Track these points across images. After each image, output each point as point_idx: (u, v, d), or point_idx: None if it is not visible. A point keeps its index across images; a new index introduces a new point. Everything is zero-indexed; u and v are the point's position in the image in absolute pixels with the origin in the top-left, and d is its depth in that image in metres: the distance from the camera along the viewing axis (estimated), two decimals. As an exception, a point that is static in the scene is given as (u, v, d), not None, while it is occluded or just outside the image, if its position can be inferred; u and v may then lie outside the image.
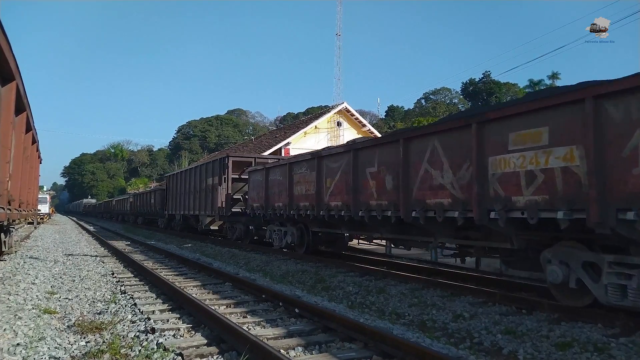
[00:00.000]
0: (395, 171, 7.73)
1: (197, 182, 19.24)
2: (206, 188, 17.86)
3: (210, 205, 17.27)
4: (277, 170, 12.53)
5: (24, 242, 16.75)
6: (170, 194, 24.04)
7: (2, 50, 5.29)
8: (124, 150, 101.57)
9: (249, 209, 14.20)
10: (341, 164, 9.42)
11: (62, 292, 7.47)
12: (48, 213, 41.63)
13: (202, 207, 18.39)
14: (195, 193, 19.43)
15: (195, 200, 19.22)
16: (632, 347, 4.51)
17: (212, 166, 17.64)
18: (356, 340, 4.66)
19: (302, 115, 66.92)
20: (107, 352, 4.17)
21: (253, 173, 14.23)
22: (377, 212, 8.16)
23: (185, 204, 20.80)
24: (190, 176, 20.58)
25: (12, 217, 7.83)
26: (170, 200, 23.93)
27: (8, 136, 6.25)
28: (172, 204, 23.52)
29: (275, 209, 12.25)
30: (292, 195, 11.40)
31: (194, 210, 19.60)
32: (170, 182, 24.52)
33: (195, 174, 19.68)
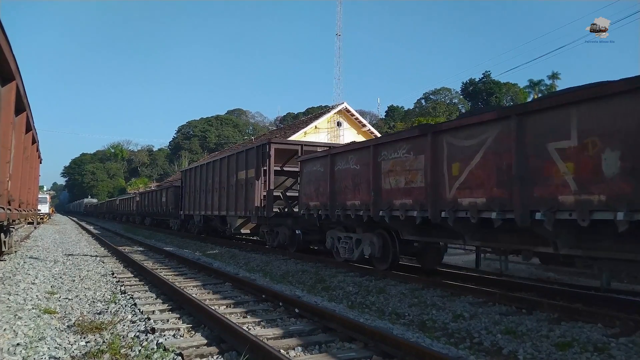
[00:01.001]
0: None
1: (224, 177, 16.35)
2: (237, 183, 14.94)
3: (242, 204, 14.36)
4: (350, 156, 9.50)
5: (24, 242, 16.75)
6: (186, 192, 21.09)
7: (2, 50, 5.29)
8: (124, 150, 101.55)
9: (301, 209, 11.33)
10: (485, 139, 6.33)
11: (62, 292, 7.47)
12: (48, 213, 41.59)
13: (230, 207, 15.47)
14: (221, 190, 16.49)
15: (222, 198, 16.36)
16: (632, 347, 4.51)
17: (246, 156, 14.49)
18: (356, 340, 4.66)
19: (302, 115, 66.93)
20: (107, 352, 4.17)
21: (308, 163, 11.31)
22: (578, 214, 5.02)
23: (208, 203, 17.90)
24: (214, 170, 17.54)
25: (12, 217, 7.83)
26: (186, 198, 21.01)
27: (8, 136, 6.25)
28: (189, 203, 20.60)
29: (346, 208, 9.44)
30: (379, 190, 8.45)
31: (219, 210, 16.73)
32: (187, 177, 21.38)
33: (222, 167, 16.75)
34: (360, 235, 9.58)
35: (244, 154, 14.73)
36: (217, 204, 16.80)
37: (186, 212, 21.11)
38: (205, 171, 18.66)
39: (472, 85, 72.39)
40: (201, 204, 18.77)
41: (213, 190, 17.37)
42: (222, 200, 16.36)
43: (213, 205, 17.30)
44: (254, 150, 13.89)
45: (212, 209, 17.38)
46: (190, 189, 20.52)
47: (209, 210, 17.76)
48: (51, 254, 13.09)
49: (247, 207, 13.97)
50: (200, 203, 18.90)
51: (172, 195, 24.74)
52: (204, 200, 18.32)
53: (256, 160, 13.60)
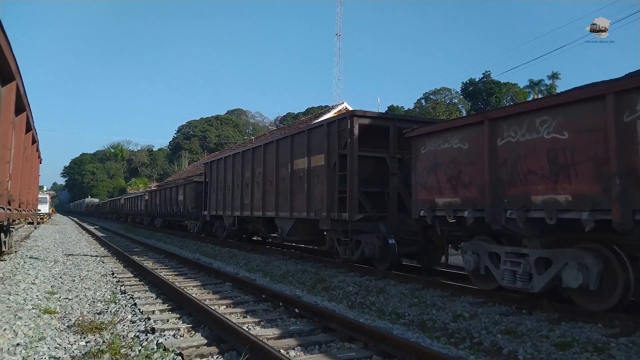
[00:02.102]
0: None
1: (270, 167, 12.72)
2: (293, 176, 11.49)
3: (302, 202, 10.92)
4: (542, 119, 5.80)
5: (24, 242, 16.74)
6: (213, 188, 17.45)
7: (2, 50, 5.28)
8: (124, 150, 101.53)
9: (418, 209, 7.88)
10: None
11: (62, 292, 7.47)
12: (48, 213, 41.59)
13: (283, 206, 11.95)
14: (266, 184, 12.94)
15: (268, 195, 12.81)
16: (632, 347, 4.51)
17: (308, 138, 10.83)
18: (356, 340, 4.66)
19: (302, 115, 66.91)
20: (107, 352, 4.17)
21: (431, 139, 7.73)
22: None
23: (245, 202, 14.37)
24: (255, 159, 13.87)
25: (12, 217, 7.83)
26: (213, 196, 17.39)
27: (8, 136, 6.25)
28: (216, 202, 16.96)
29: (533, 207, 5.85)
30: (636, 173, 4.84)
31: (263, 211, 13.02)
32: (213, 170, 17.67)
33: (267, 154, 13.03)
34: (547, 252, 5.98)
35: (304, 135, 11.08)
36: (261, 202, 13.19)
37: (212, 212, 17.37)
38: (240, 161, 15.00)
39: (472, 85, 72.34)
40: (234, 203, 15.25)
41: (253, 185, 13.85)
42: (268, 197, 12.84)
43: (253, 204, 13.80)
44: (323, 128, 10.31)
45: (253, 209, 13.85)
46: (219, 184, 16.82)
47: (247, 211, 14.24)
48: (51, 254, 13.09)
49: (312, 206, 10.59)
50: (233, 201, 15.40)
51: (191, 193, 20.99)
52: (240, 198, 14.75)
53: (327, 142, 10.12)
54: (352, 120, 9.49)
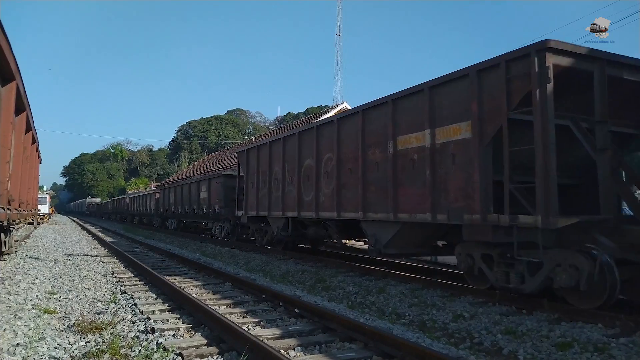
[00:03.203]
0: None
1: (353, 149, 9.04)
2: (398, 158, 7.86)
3: (424, 198, 7.23)
4: None
5: (24, 242, 16.75)
6: (251, 183, 13.89)
7: (2, 50, 5.29)
8: (124, 150, 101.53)
9: None
10: None
11: (62, 292, 7.47)
12: (48, 213, 41.60)
13: (378, 205, 8.27)
14: (344, 174, 9.33)
15: (348, 189, 9.18)
16: (632, 347, 4.51)
17: (433, 99, 7.17)
18: (356, 340, 4.66)
19: (302, 115, 66.95)
20: (107, 352, 4.17)
21: None
22: None
23: (306, 199, 10.76)
24: (326, 139, 10.09)
25: (12, 217, 7.83)
26: (251, 192, 13.82)
27: (8, 136, 6.25)
28: (257, 200, 13.36)
29: None
30: None
31: (337, 211, 9.45)
32: (252, 160, 13.93)
33: (348, 130, 9.29)
34: None
35: (422, 97, 7.28)
36: (333, 199, 9.58)
37: (251, 212, 13.84)
38: (296, 146, 11.18)
39: (472, 85, 72.36)
40: (287, 201, 11.65)
41: (319, 177, 10.20)
42: (346, 193, 9.23)
43: (320, 201, 10.16)
44: (468, 81, 6.59)
45: (319, 209, 10.17)
46: (261, 177, 13.18)
47: (308, 211, 10.62)
48: (51, 254, 13.09)
49: (440, 204, 6.94)
50: (284, 199, 11.78)
51: (219, 189, 17.38)
52: (295, 194, 11.19)
53: (478, 101, 6.42)
54: (543, 59, 5.65)
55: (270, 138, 13.35)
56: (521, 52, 5.89)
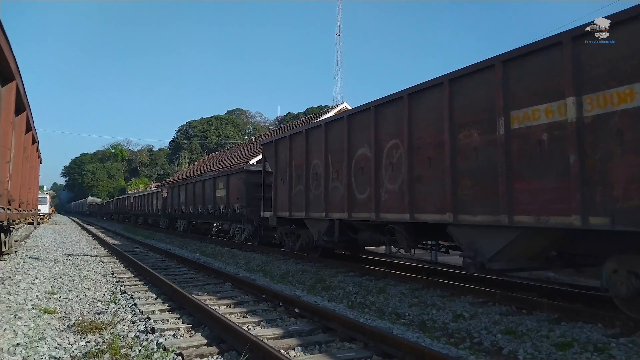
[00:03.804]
0: None
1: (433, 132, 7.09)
2: (513, 139, 5.84)
3: (570, 194, 5.09)
4: None
5: (24, 242, 16.75)
6: (282, 178, 11.83)
7: (2, 50, 5.29)
8: (124, 150, 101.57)
9: None
10: None
11: (62, 292, 7.47)
12: (48, 213, 41.61)
13: (475, 204, 6.32)
14: (417, 164, 7.40)
15: (424, 182, 7.25)
16: (632, 347, 4.51)
17: (581, 55, 5.10)
18: (356, 340, 4.66)
19: (302, 115, 66.97)
20: (107, 352, 4.17)
21: None
22: None
23: (360, 197, 8.77)
24: (389, 122, 8.12)
25: (12, 217, 7.83)
26: (282, 190, 11.80)
27: (8, 136, 6.25)
28: (289, 198, 11.34)
29: None
30: None
31: (410, 212, 7.48)
32: (283, 153, 11.92)
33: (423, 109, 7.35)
34: None
35: (560, 52, 5.33)
36: (402, 197, 7.60)
37: (281, 213, 11.89)
38: (344, 133, 9.19)
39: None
40: (332, 200, 9.66)
41: (382, 168, 8.15)
42: (424, 188, 7.23)
43: (382, 200, 8.15)
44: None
45: (380, 209, 8.17)
46: (295, 171, 11.25)
47: (363, 211, 8.65)
48: (51, 254, 13.09)
49: (599, 202, 4.91)
50: (328, 197, 9.80)
51: (239, 186, 15.42)
52: (344, 191, 9.15)
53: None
54: None
55: (306, 125, 11.33)
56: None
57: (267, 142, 13.07)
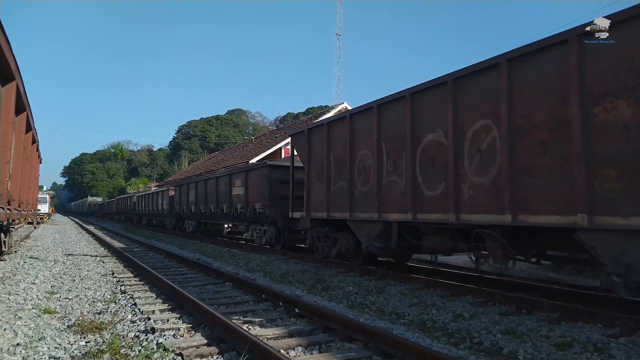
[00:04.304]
0: None
1: (559, 101, 5.34)
2: None
3: None
4: None
5: (24, 242, 16.75)
6: (318, 173, 10.20)
7: (2, 50, 5.29)
8: (124, 150, 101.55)
9: None
10: None
11: (62, 292, 7.47)
12: (48, 213, 41.61)
13: (628, 202, 4.66)
14: (525, 148, 5.70)
15: (551, 173, 5.41)
16: (632, 347, 4.51)
17: None
18: (356, 340, 4.66)
19: (302, 115, 66.99)
20: (107, 352, 4.17)
21: None
22: None
23: (429, 194, 7.18)
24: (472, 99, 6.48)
25: (12, 217, 7.84)
26: (317, 187, 10.22)
27: (8, 136, 6.25)
28: (327, 197, 9.77)
29: None
30: None
31: (511, 211, 5.77)
32: (319, 144, 10.27)
33: (554, 68, 5.42)
34: None
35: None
36: (507, 192, 5.87)
37: (316, 213, 10.28)
38: (409, 114, 7.55)
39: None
40: (388, 197, 8.06)
41: (464, 158, 6.57)
42: (533, 181, 5.63)
43: (464, 197, 6.52)
44: None
45: (463, 209, 6.56)
46: (335, 164, 9.61)
47: (440, 211, 6.95)
48: (51, 254, 13.09)
49: None
50: (381, 194, 8.19)
51: (261, 183, 13.72)
52: (405, 186, 7.61)
53: None
54: None
55: (350, 111, 9.65)
56: None
57: (298, 133, 11.40)
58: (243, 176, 15.27)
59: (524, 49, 5.81)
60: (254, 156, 26.87)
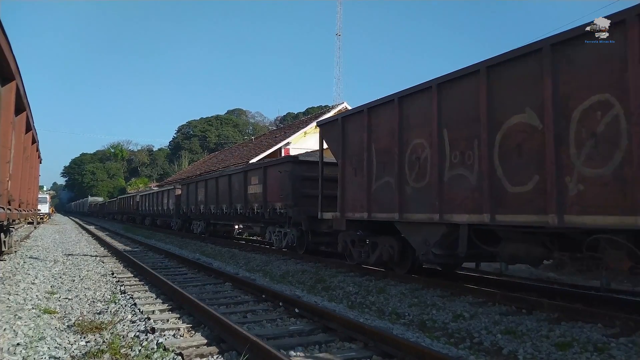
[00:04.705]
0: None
1: None
2: None
3: None
4: None
5: (24, 242, 16.75)
6: (353, 167, 9.04)
7: (2, 50, 5.29)
8: (124, 150, 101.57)
9: None
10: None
11: (62, 292, 7.47)
12: (48, 213, 41.62)
13: None
14: None
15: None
16: (632, 347, 4.52)
17: None
18: (356, 340, 4.66)
19: (302, 115, 66.99)
20: (107, 352, 4.17)
21: None
22: None
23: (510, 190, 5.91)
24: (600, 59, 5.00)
25: (12, 217, 7.84)
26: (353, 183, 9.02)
27: (8, 136, 6.26)
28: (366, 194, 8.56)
29: None
30: None
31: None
32: (355, 133, 9.05)
33: None
34: None
35: None
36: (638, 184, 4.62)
37: (354, 214, 8.99)
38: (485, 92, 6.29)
39: (472, 85, 72.35)
40: (453, 194, 6.86)
41: (570, 144, 5.27)
42: None
43: (570, 194, 5.24)
44: None
45: (568, 208, 5.26)
46: (378, 157, 8.43)
47: (533, 212, 5.63)
48: (51, 254, 13.09)
49: None
50: (443, 190, 7.01)
51: (283, 181, 12.32)
52: (477, 180, 6.44)
53: None
54: None
55: (398, 93, 7.88)
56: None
57: (329, 122, 10.06)
58: (261, 173, 13.83)
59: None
60: (254, 156, 26.88)
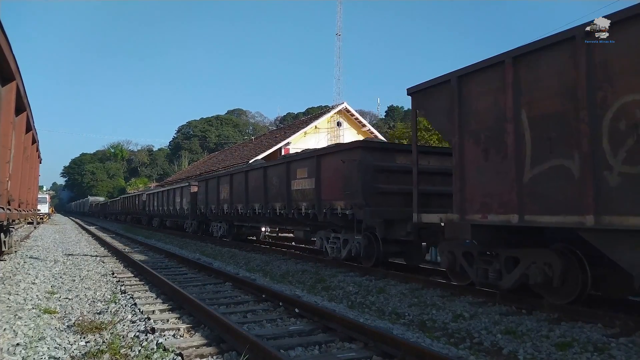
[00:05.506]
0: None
1: None
2: None
3: None
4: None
5: (24, 242, 16.74)
6: (483, 148, 6.26)
7: (2, 50, 5.29)
8: (124, 150, 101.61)
9: None
10: None
11: (62, 292, 7.47)
12: (48, 213, 41.61)
13: None
14: None
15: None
16: (632, 347, 4.52)
17: None
18: (356, 340, 4.66)
19: (302, 115, 66.97)
20: (107, 352, 4.17)
21: None
22: None
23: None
24: None
25: (12, 217, 7.84)
26: (485, 170, 6.22)
27: (8, 136, 6.26)
28: (515, 186, 5.73)
29: None
30: None
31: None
32: (481, 97, 6.31)
33: None
34: None
35: None
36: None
37: (492, 216, 6.15)
38: None
39: (472, 85, 72.24)
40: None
41: None
42: None
43: None
44: None
45: None
46: (530, 130, 5.65)
47: None
48: (51, 254, 13.09)
49: None
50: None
51: (348, 173, 9.49)
52: None
53: None
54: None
55: (572, 30, 5.15)
56: None
57: (432, 86, 7.18)
58: (312, 164, 10.78)
59: None
60: (253, 156, 26.89)
